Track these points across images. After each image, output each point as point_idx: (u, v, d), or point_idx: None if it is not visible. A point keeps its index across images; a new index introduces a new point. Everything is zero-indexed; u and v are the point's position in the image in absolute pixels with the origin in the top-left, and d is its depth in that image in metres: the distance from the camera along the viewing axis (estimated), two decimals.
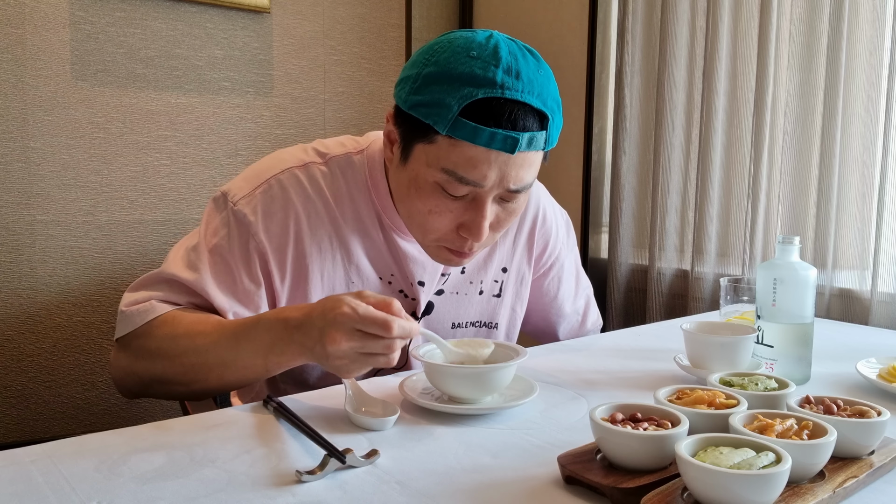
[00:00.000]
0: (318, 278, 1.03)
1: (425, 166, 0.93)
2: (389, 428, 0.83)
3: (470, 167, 0.90)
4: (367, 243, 1.06)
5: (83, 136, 1.92)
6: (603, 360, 1.16)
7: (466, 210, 0.95)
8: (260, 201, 1.00)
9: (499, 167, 0.90)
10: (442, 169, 0.91)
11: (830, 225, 1.67)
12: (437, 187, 0.93)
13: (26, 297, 1.89)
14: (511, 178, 0.92)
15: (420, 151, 0.93)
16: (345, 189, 1.04)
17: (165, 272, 0.99)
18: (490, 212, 0.94)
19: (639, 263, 2.14)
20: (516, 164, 0.91)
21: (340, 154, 1.06)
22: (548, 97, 0.91)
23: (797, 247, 1.02)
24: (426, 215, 0.95)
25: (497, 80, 0.87)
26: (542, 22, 2.39)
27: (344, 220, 1.04)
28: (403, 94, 0.93)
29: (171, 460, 0.74)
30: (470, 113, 0.87)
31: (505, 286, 1.20)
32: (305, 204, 1.02)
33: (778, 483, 0.58)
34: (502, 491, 0.68)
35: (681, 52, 1.97)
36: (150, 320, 0.95)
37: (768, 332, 1.03)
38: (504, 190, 0.93)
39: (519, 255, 1.21)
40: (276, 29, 2.20)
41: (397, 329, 0.79)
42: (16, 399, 1.90)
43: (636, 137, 2.10)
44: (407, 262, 1.07)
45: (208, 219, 1.02)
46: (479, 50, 0.90)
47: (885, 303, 1.59)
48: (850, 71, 1.65)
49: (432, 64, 0.91)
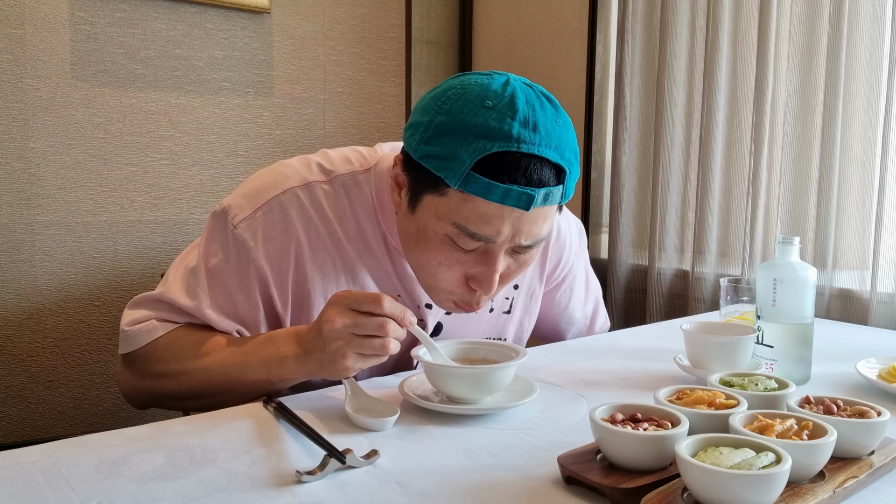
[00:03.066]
0: (321, 301, 1.00)
1: (435, 219, 0.89)
2: (389, 428, 0.83)
3: (482, 223, 0.86)
4: (372, 265, 1.03)
5: (83, 136, 1.92)
6: (603, 361, 1.16)
7: (477, 263, 0.91)
8: (260, 224, 0.97)
9: (512, 223, 0.87)
10: (453, 223, 0.87)
11: (830, 225, 1.67)
12: (446, 240, 0.89)
13: (26, 298, 1.89)
14: (524, 233, 0.89)
15: (429, 202, 0.89)
16: (349, 210, 1.00)
17: (166, 296, 0.98)
18: (501, 264, 0.91)
19: (639, 264, 2.14)
20: (530, 220, 0.88)
21: (346, 173, 1.02)
22: (566, 149, 0.88)
23: (797, 247, 1.02)
24: (435, 267, 0.92)
25: (513, 134, 0.83)
26: (543, 22, 2.39)
27: (348, 241, 1.00)
28: (414, 142, 0.89)
29: (171, 460, 0.74)
30: (483, 168, 0.83)
31: (515, 303, 1.18)
32: (307, 226, 0.98)
33: (778, 483, 0.58)
34: (502, 491, 0.68)
35: (681, 52, 1.97)
36: (152, 341, 0.96)
37: (768, 333, 1.03)
38: (517, 244, 0.90)
39: (531, 271, 1.18)
40: (276, 29, 2.20)
41: (388, 304, 0.81)
42: (16, 399, 1.90)
43: (636, 137, 2.10)
44: (413, 285, 1.04)
45: (208, 237, 1.00)
46: (494, 99, 0.85)
47: (884, 303, 1.59)
48: (850, 71, 1.65)
49: (444, 112, 0.86)
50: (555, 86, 2.35)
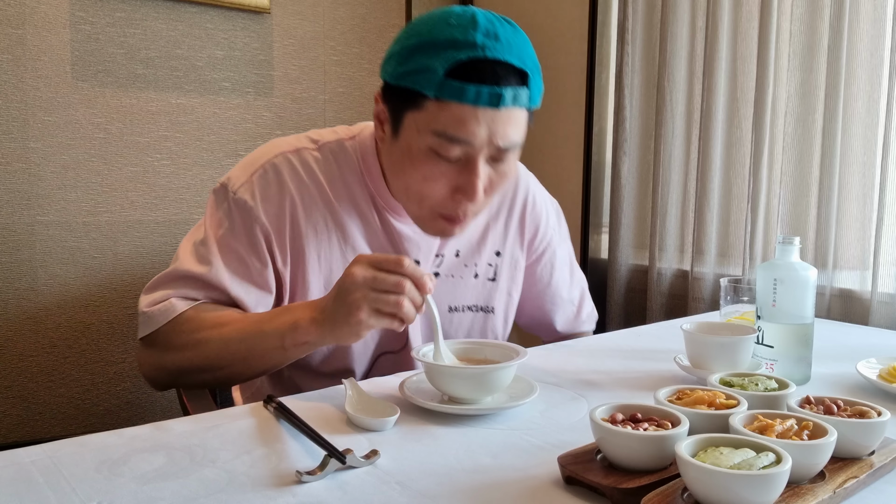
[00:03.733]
0: (314, 259, 1.06)
1: (416, 133, 0.96)
2: (389, 428, 0.83)
3: (459, 126, 0.93)
4: (362, 224, 1.09)
5: (83, 136, 1.93)
6: (603, 361, 1.16)
7: (460, 173, 0.97)
8: (257, 185, 1.04)
9: (487, 124, 0.93)
10: (433, 132, 0.94)
11: (831, 225, 1.67)
12: (430, 152, 0.96)
13: (27, 298, 1.89)
14: (499, 134, 0.95)
15: (410, 120, 0.96)
16: (338, 173, 1.07)
17: (179, 269, 1.03)
18: (483, 172, 0.97)
19: (639, 264, 2.14)
20: (503, 121, 0.94)
21: (333, 140, 1.10)
22: (526, 58, 0.95)
23: (797, 247, 1.02)
24: (421, 183, 0.98)
25: (477, 42, 0.92)
26: (543, 22, 2.39)
27: (339, 202, 1.07)
28: (390, 68, 0.97)
29: (171, 460, 0.74)
30: (455, 74, 0.91)
31: (500, 270, 1.21)
32: (299, 187, 1.05)
33: (778, 483, 0.58)
34: (502, 491, 0.68)
35: (681, 52, 1.97)
36: (172, 318, 1.00)
37: (768, 333, 1.03)
38: (494, 148, 0.96)
39: (511, 238, 1.23)
40: (276, 29, 2.20)
41: (408, 265, 0.84)
42: (16, 399, 1.90)
43: (636, 138, 2.10)
44: (402, 242, 1.10)
45: (211, 211, 1.06)
46: (457, 18, 0.94)
47: (885, 303, 1.59)
48: (850, 71, 1.65)
49: (414, 35, 0.95)
50: (555, 86, 2.35)
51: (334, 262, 1.07)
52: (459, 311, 1.18)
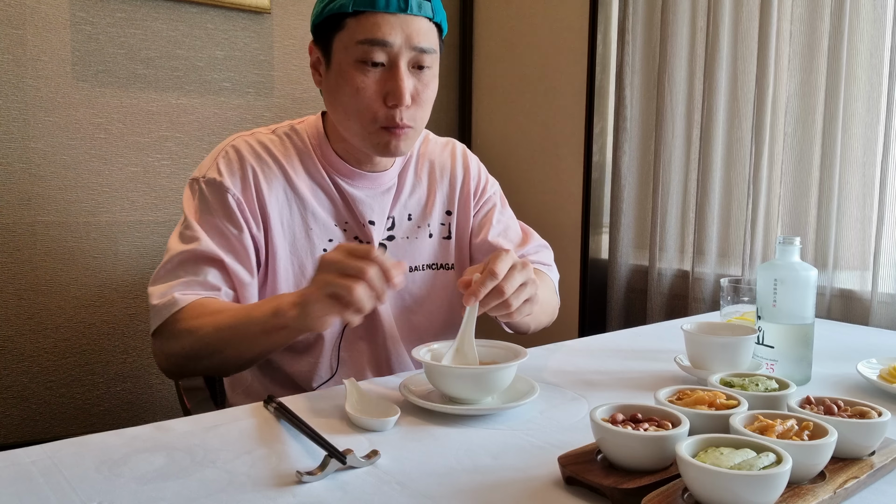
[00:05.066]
0: (279, 225, 1.14)
1: (344, 50, 1.08)
2: (390, 429, 0.84)
3: (377, 30, 1.06)
4: (318, 194, 1.18)
5: (84, 136, 1.93)
6: (603, 361, 1.16)
7: (387, 80, 1.07)
8: (222, 164, 1.14)
9: (401, 27, 1.06)
10: (357, 42, 1.06)
11: (831, 225, 1.67)
12: (357, 65, 1.07)
13: (27, 298, 1.89)
14: (414, 37, 1.07)
15: (338, 42, 1.09)
16: (293, 149, 1.19)
17: (173, 256, 1.10)
18: (406, 77, 1.07)
19: (639, 264, 2.14)
20: (415, 26, 1.07)
21: (285, 125, 1.23)
22: None
23: (798, 247, 1.02)
24: (354, 96, 1.08)
25: None
26: (543, 22, 2.39)
27: (295, 174, 1.17)
28: (313, 16, 1.12)
29: (171, 461, 0.74)
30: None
31: (453, 228, 1.29)
32: (258, 161, 1.15)
33: (778, 484, 0.58)
34: (503, 491, 0.68)
35: (681, 52, 1.97)
36: (175, 311, 1.05)
37: (769, 333, 1.03)
38: (412, 52, 1.07)
39: (461, 196, 1.30)
40: (276, 29, 2.20)
41: (376, 255, 0.85)
42: (16, 399, 1.90)
43: (637, 138, 2.10)
44: (356, 205, 1.18)
45: (188, 201, 1.15)
46: None
47: (885, 303, 1.59)
48: (850, 71, 1.65)
49: None
50: (555, 86, 2.35)
51: (296, 227, 1.16)
52: (420, 270, 1.24)
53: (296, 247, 1.16)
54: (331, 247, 1.18)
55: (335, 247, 0.90)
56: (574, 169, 2.30)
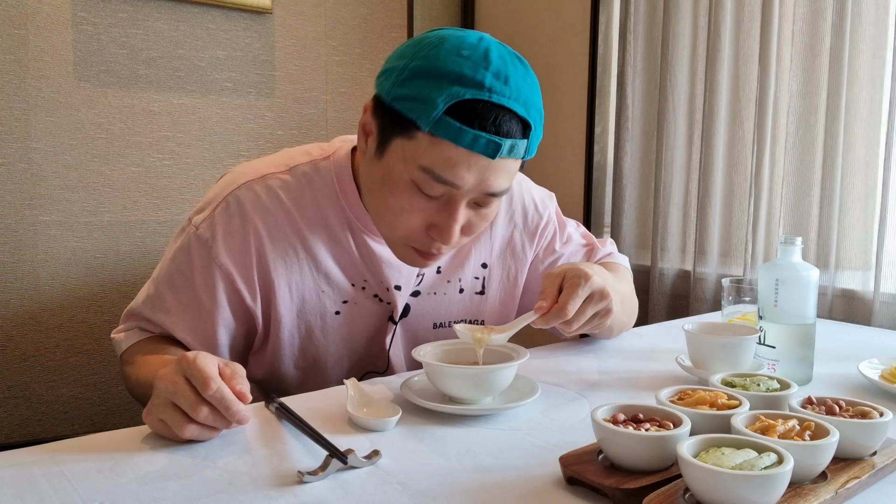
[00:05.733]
0: (285, 291, 1.03)
1: (402, 163, 0.91)
2: (391, 428, 0.84)
3: (448, 167, 0.88)
4: (336, 250, 1.04)
5: (86, 136, 1.93)
6: (605, 361, 1.16)
7: (439, 211, 0.93)
8: (218, 221, 1.00)
9: (478, 171, 0.89)
10: (419, 167, 0.89)
11: (833, 225, 1.67)
12: (411, 185, 0.91)
13: (29, 298, 1.89)
14: (488, 183, 0.91)
15: (398, 146, 0.91)
16: (310, 196, 1.03)
17: (134, 309, 1.07)
18: (462, 215, 0.93)
19: (641, 264, 2.14)
20: (495, 170, 0.90)
21: (305, 162, 1.04)
22: (532, 107, 0.90)
23: (799, 247, 1.02)
24: (397, 212, 0.94)
25: (486, 83, 0.86)
26: (544, 22, 2.39)
27: (309, 228, 1.02)
28: (387, 85, 0.91)
29: (173, 461, 0.74)
30: (455, 113, 0.86)
31: (488, 283, 1.17)
32: (264, 217, 1.00)
33: (780, 484, 0.58)
34: (504, 491, 0.68)
35: (683, 52, 1.97)
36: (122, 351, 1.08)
37: (770, 333, 1.03)
38: (480, 194, 0.92)
39: (498, 247, 1.17)
40: (278, 29, 2.20)
41: (214, 390, 0.74)
42: (18, 399, 1.90)
43: (638, 138, 2.10)
44: (381, 267, 1.06)
45: (173, 242, 1.04)
46: (470, 50, 0.88)
47: (887, 303, 1.59)
48: (852, 71, 1.64)
49: (420, 58, 0.88)
50: (556, 86, 2.35)
51: (307, 290, 1.04)
52: (445, 327, 1.15)
53: (304, 311, 1.05)
54: (345, 309, 1.07)
55: (182, 357, 0.77)
56: (575, 169, 2.30)
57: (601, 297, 0.94)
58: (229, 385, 0.76)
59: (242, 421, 0.77)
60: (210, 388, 0.74)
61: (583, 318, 0.94)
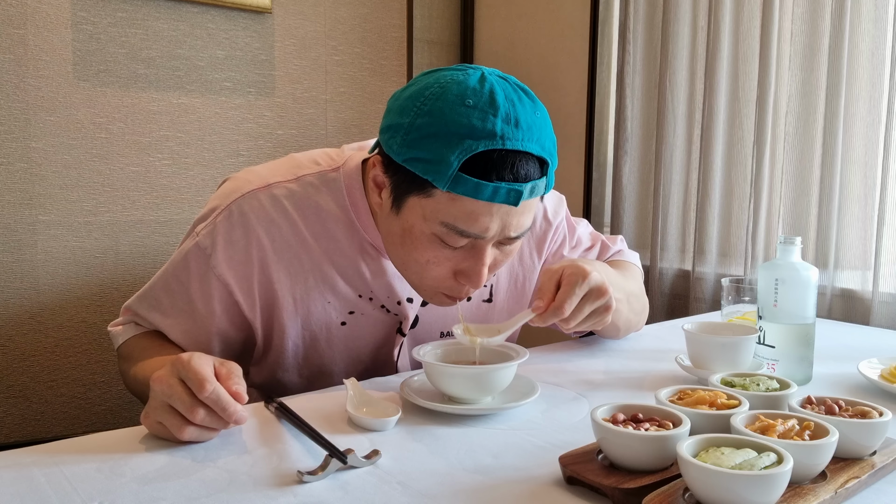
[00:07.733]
0: (289, 302, 1.01)
1: (422, 219, 0.89)
2: (391, 428, 0.84)
3: (471, 221, 0.87)
4: (341, 263, 1.02)
5: (85, 136, 1.93)
6: (604, 361, 1.16)
7: (466, 258, 0.92)
8: (219, 231, 0.98)
9: (500, 218, 0.88)
10: (441, 223, 0.87)
11: (832, 225, 1.67)
12: (434, 239, 0.90)
13: (28, 298, 1.89)
14: (512, 226, 0.90)
15: (415, 203, 0.89)
16: (317, 208, 1.00)
17: (132, 304, 1.08)
18: (489, 258, 0.92)
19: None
20: (517, 214, 0.89)
21: (314, 172, 1.02)
22: (546, 140, 0.89)
23: (799, 247, 1.02)
24: (423, 265, 0.92)
25: (497, 131, 0.84)
26: (544, 22, 2.39)
27: (315, 240, 1.00)
28: (395, 145, 0.87)
29: (172, 460, 0.74)
30: (471, 168, 0.84)
31: (496, 290, 1.16)
32: (269, 228, 0.98)
33: (780, 483, 0.58)
34: (503, 491, 0.68)
35: (682, 52, 1.97)
36: (119, 345, 1.09)
37: (770, 333, 1.03)
38: (504, 237, 0.91)
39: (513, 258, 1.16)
40: (277, 29, 2.20)
41: (209, 392, 0.74)
42: (17, 399, 1.90)
43: (637, 138, 2.10)
44: (392, 280, 1.04)
45: (178, 248, 1.03)
46: (474, 97, 0.85)
47: (886, 303, 1.59)
48: (851, 71, 1.64)
49: (425, 114, 0.85)
50: (556, 86, 2.35)
51: (312, 303, 1.02)
52: (452, 336, 1.13)
53: (309, 322, 1.03)
54: (350, 320, 1.05)
55: (176, 359, 0.77)
56: (575, 169, 2.30)
57: (599, 294, 0.93)
58: (225, 385, 0.76)
59: (240, 421, 0.77)
60: (205, 391, 0.73)
61: (580, 316, 0.94)
